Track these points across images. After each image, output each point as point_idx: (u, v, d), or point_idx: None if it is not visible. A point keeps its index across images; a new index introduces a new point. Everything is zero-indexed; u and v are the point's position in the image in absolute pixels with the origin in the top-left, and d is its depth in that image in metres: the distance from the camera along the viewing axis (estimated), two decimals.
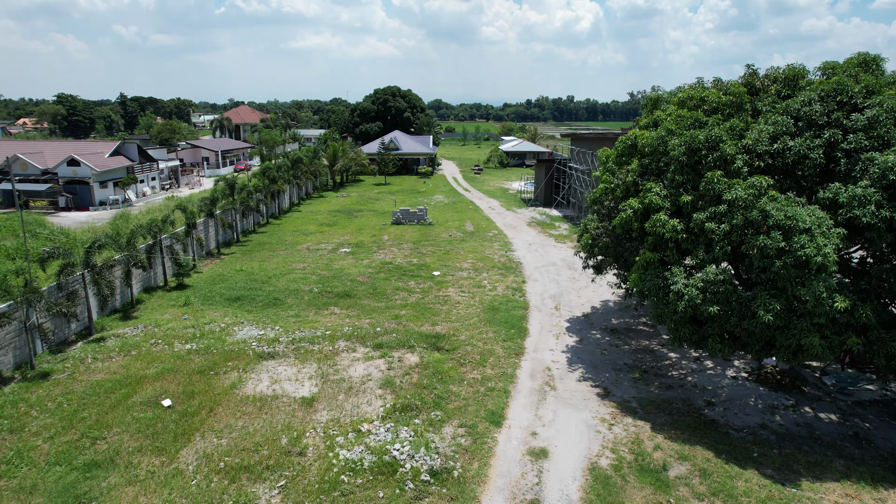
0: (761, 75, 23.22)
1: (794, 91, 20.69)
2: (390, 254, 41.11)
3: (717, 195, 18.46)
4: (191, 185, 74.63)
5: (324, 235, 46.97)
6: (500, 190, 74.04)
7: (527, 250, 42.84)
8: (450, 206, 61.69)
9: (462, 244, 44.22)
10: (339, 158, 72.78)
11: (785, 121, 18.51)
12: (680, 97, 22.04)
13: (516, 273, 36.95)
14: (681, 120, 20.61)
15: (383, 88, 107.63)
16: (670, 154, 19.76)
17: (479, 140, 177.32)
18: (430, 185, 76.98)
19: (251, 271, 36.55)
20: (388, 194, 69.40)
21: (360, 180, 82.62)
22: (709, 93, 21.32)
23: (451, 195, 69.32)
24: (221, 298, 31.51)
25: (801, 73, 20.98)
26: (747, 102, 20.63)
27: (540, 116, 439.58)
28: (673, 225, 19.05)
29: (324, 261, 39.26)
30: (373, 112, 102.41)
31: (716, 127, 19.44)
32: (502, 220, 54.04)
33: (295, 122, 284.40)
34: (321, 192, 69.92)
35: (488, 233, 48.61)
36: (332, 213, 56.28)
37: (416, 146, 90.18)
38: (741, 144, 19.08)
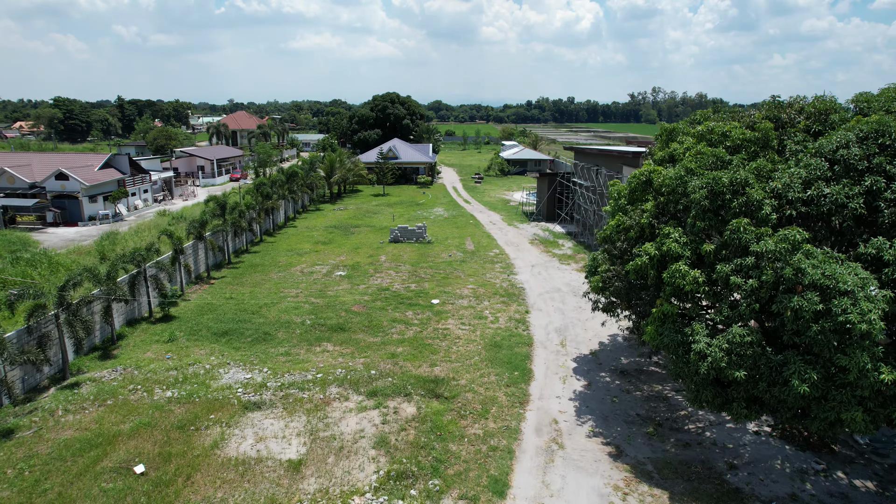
0: (785, 104, 21.55)
1: (824, 126, 19.00)
2: (387, 278, 39.40)
3: (743, 246, 16.76)
4: (185, 196, 72.92)
5: (319, 256, 45.26)
6: (502, 202, 72.34)
7: (530, 273, 41.13)
8: (450, 220, 59.99)
9: (462, 266, 42.51)
10: (337, 170, 71.08)
11: (819, 164, 16.81)
12: (699, 130, 20.33)
13: (519, 301, 35.25)
14: (701, 158, 18.91)
15: (382, 95, 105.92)
16: (691, 197, 18.05)
17: (479, 144, 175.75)
18: (430, 197, 75.28)
19: (241, 299, 34.84)
20: (386, 207, 67.70)
21: (358, 190, 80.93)
22: (731, 127, 19.63)
23: (451, 208, 67.61)
24: (208, 332, 29.79)
25: (832, 106, 19.27)
26: (774, 139, 18.93)
27: (540, 118, 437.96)
28: (694, 276, 17.35)
29: (318, 286, 37.55)
30: (371, 119, 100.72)
31: (741, 168, 17.75)
32: (504, 237, 52.33)
33: (294, 125, 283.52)
34: (318, 205, 68.21)
35: (489, 252, 46.90)
36: (329, 230, 54.56)
37: (416, 155, 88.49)
38: (769, 188, 17.39)
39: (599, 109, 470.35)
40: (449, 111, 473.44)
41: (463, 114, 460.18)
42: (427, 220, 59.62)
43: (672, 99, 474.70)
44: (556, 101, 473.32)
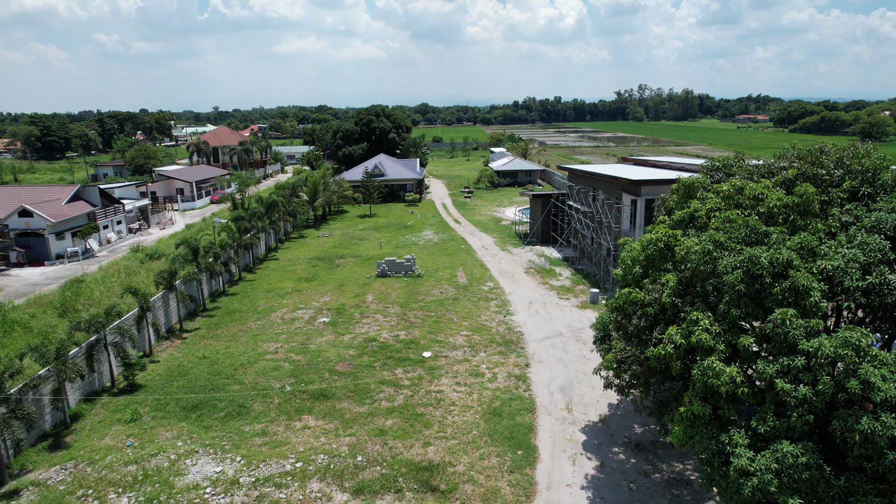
0: (815, 151, 18.95)
1: (875, 189, 16.40)
2: (375, 324, 36.54)
3: (790, 343, 14.12)
4: (162, 224, 69.63)
5: (301, 296, 42.31)
6: (493, 220, 69.63)
7: (527, 313, 38.42)
8: (440, 246, 57.20)
9: (455, 306, 39.72)
10: (320, 193, 68.12)
11: (879, 243, 14.19)
12: (725, 190, 17.67)
13: (518, 350, 32.52)
14: (732, 228, 16.25)
15: (367, 109, 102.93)
16: (723, 278, 15.39)
17: (467, 151, 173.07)
18: (418, 217, 72.44)
19: (216, 359, 31.86)
20: (373, 231, 64.79)
21: (343, 211, 77.96)
22: (763, 188, 16.98)
23: (441, 230, 64.81)
24: (177, 406, 26.82)
25: (881, 163, 16.67)
26: (816, 203, 16.30)
27: (527, 118, 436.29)
28: (730, 375, 14.71)
29: (300, 337, 34.64)
30: (356, 133, 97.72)
31: (782, 245, 15.11)
32: (497, 266, 49.60)
33: (278, 134, 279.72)
34: (301, 231, 65.16)
35: (483, 286, 44.14)
36: (312, 263, 51.59)
37: (403, 171, 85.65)
38: (817, 267, 14.76)
39: (586, 108, 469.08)
40: (436, 114, 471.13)
41: (450, 116, 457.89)
42: (416, 247, 56.83)
43: (659, 96, 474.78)
44: (543, 101, 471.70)
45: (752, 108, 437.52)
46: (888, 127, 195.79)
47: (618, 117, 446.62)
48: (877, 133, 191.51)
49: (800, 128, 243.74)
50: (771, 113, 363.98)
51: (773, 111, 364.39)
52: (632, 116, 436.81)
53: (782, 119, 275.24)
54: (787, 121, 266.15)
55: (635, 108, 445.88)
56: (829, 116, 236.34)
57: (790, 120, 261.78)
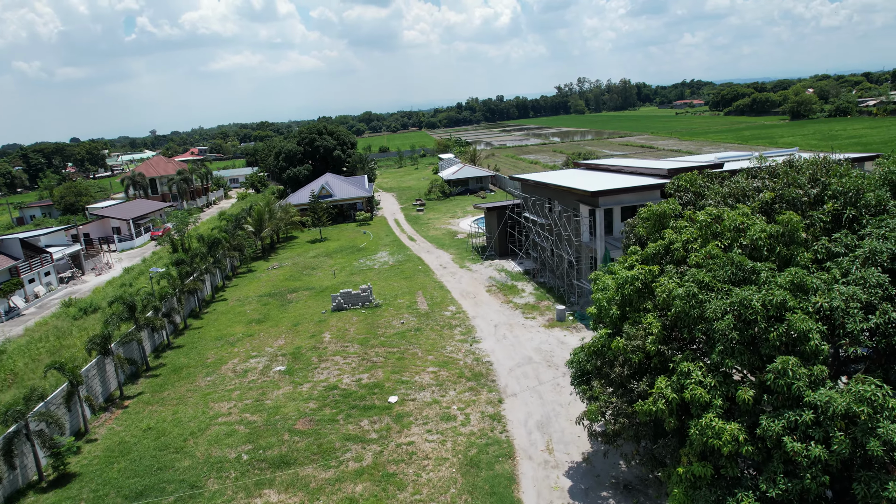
0: (781, 167, 17.83)
1: (859, 210, 15.28)
2: (334, 368, 34.18)
3: (795, 395, 12.74)
4: (98, 270, 65.08)
5: (253, 342, 39.51)
6: (449, 235, 67.89)
7: (494, 338, 36.76)
8: (396, 268, 55.05)
9: (417, 337, 37.72)
10: (266, 223, 64.94)
11: (877, 277, 12.98)
12: (702, 220, 16.29)
13: (489, 384, 30.78)
14: (715, 266, 14.85)
15: (308, 127, 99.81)
16: (713, 326, 13.95)
17: (415, 159, 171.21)
18: (371, 237, 70.06)
19: (162, 429, 28.94)
20: (325, 257, 62.09)
21: (293, 237, 74.81)
22: (742, 217, 15.67)
23: (396, 249, 62.66)
24: (119, 496, 23.94)
25: (861, 183, 15.57)
26: (801, 231, 15.07)
27: (472, 119, 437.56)
28: (732, 434, 13.26)
29: (254, 392, 32.00)
30: (300, 153, 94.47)
31: (773, 285, 13.76)
32: (458, 286, 47.83)
33: (220, 155, 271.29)
34: (249, 265, 61.89)
35: (445, 311, 42.29)
36: (263, 300, 48.65)
37: (351, 190, 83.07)
38: (812, 306, 13.46)
39: (529, 105, 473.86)
40: (380, 121, 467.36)
41: (394, 122, 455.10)
42: (371, 272, 54.55)
43: (598, 87, 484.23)
44: (486, 101, 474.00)
45: (687, 93, 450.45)
46: (814, 105, 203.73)
47: (560, 111, 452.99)
48: (804, 111, 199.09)
49: (734, 110, 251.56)
50: (705, 97, 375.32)
51: (707, 95, 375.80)
52: (574, 110, 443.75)
53: (717, 102, 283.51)
54: (721, 104, 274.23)
55: (576, 102, 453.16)
56: (759, 98, 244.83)
57: (724, 103, 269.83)
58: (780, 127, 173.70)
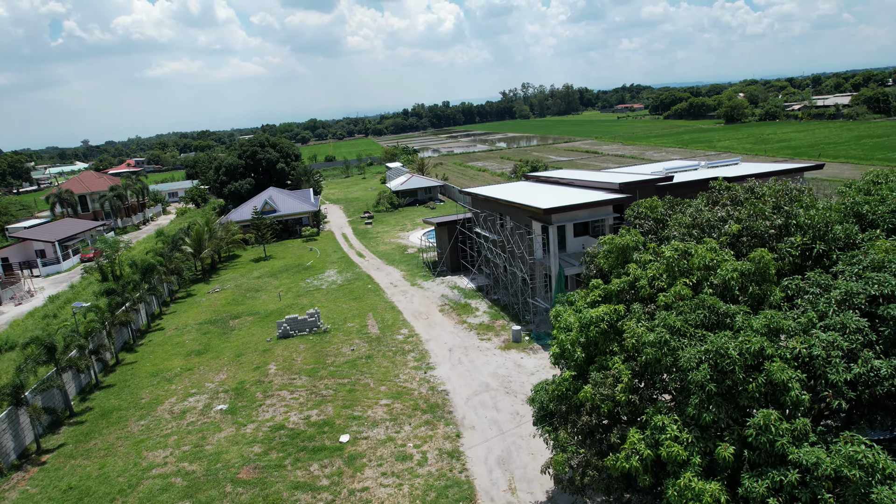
0: (757, 191, 17.17)
1: (829, 245, 14.66)
2: (281, 405, 32.04)
3: (778, 453, 11.85)
4: (18, 299, 60.22)
5: (192, 377, 36.85)
6: (399, 249, 66.24)
7: (449, 363, 35.39)
8: (345, 288, 53.01)
9: (369, 366, 35.95)
10: (206, 243, 61.63)
11: (856, 321, 12.24)
12: (669, 256, 15.37)
13: (445, 417, 29.36)
14: (686, 308, 13.91)
15: (250, 139, 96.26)
16: (688, 376, 12.96)
17: (362, 167, 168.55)
18: (318, 254, 67.64)
19: (86, 487, 26.20)
20: (270, 277, 59.39)
21: (235, 256, 71.51)
22: (712, 254, 14.80)
23: (345, 267, 60.57)
24: None
25: (829, 216, 14.96)
26: (773, 268, 14.31)
27: (419, 125, 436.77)
28: (713, 495, 12.26)
29: (193, 437, 29.54)
30: (241, 167, 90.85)
31: (749, 330, 12.89)
32: (410, 306, 46.27)
33: (158, 167, 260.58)
34: (189, 289, 58.51)
35: (397, 334, 40.66)
36: (203, 329, 45.75)
37: (296, 204, 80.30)
38: (790, 352, 12.65)
39: (475, 110, 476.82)
40: (326, 128, 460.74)
41: (340, 129, 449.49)
42: (319, 292, 52.34)
43: (542, 93, 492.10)
44: (433, 107, 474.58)
45: (627, 97, 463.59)
46: (746, 109, 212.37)
47: (506, 116, 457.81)
48: (737, 115, 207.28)
49: (672, 114, 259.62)
50: (645, 101, 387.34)
51: (646, 99, 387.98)
52: (519, 115, 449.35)
53: (656, 107, 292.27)
54: (660, 108, 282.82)
55: (521, 107, 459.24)
56: (696, 102, 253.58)
57: (663, 107, 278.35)
58: (717, 131, 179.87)
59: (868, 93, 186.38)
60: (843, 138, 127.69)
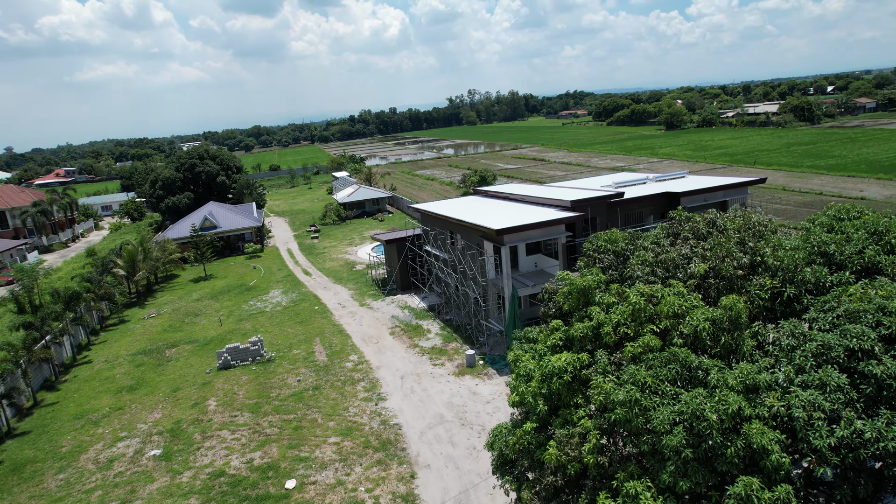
0: (719, 225, 16.47)
1: (797, 287, 13.97)
2: (221, 447, 29.72)
3: None
4: None
5: (123, 417, 33.97)
6: (347, 266, 64.15)
7: (401, 393, 33.84)
8: (290, 310, 50.64)
9: (316, 398, 34.00)
10: (140, 265, 57.93)
11: (836, 378, 11.48)
12: (635, 302, 14.38)
13: (398, 455, 27.79)
14: (656, 362, 12.93)
15: (188, 151, 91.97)
16: (662, 441, 11.94)
17: (308, 177, 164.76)
18: (262, 273, 64.78)
19: None
20: (210, 299, 56.29)
21: (174, 276, 67.72)
22: (680, 300, 13.90)
23: (290, 286, 58.08)
24: None
25: (799, 257, 14.31)
26: (745, 315, 13.50)
27: (365, 132, 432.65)
28: None
29: (121, 491, 26.92)
30: (179, 181, 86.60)
31: (723, 387, 11.98)
32: (359, 329, 44.44)
33: (91, 177, 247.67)
34: (122, 314, 54.73)
35: (346, 361, 38.81)
36: (136, 360, 42.58)
37: (238, 219, 76.98)
38: (769, 411, 11.80)
39: (422, 117, 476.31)
40: (271, 135, 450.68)
41: (285, 136, 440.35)
42: (263, 316, 49.81)
43: (488, 99, 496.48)
44: (379, 114, 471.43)
45: (571, 103, 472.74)
46: (684, 116, 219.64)
47: (453, 123, 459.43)
48: (677, 122, 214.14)
49: (615, 121, 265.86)
50: (588, 107, 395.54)
51: (589, 105, 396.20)
52: (466, 121, 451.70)
53: (599, 113, 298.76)
54: (603, 114, 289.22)
55: (468, 113, 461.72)
56: (637, 109, 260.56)
57: (606, 113, 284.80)
58: (658, 137, 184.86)
59: (794, 102, 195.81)
60: (774, 145, 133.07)
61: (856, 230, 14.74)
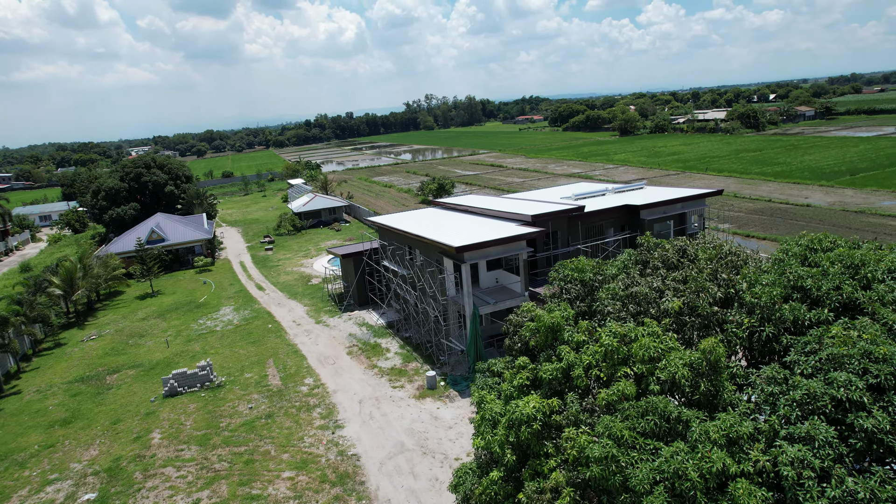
0: (690, 254, 15.75)
1: (776, 326, 13.29)
2: (165, 488, 27.62)
3: None
4: None
5: (54, 456, 31.36)
6: (302, 280, 62.03)
7: (359, 419, 32.33)
8: (242, 329, 48.38)
9: (269, 428, 32.14)
10: (79, 283, 54.52)
11: (825, 431, 10.75)
12: (607, 343, 13.44)
13: (357, 489, 26.32)
14: (633, 412, 11.99)
15: (134, 160, 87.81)
16: (642, 501, 10.97)
17: (262, 184, 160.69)
18: (213, 288, 62.03)
19: None
20: (157, 318, 53.39)
21: (118, 293, 64.19)
22: (656, 342, 13.03)
23: (243, 303, 55.68)
24: None
25: (777, 297, 13.61)
26: (724, 358, 12.71)
27: (322, 137, 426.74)
28: None
29: None
30: (124, 191, 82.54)
31: (706, 441, 11.11)
32: (315, 349, 42.66)
33: (30, 184, 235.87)
34: (58, 336, 51.29)
35: (301, 385, 37.03)
36: (73, 389, 39.71)
37: (188, 231, 73.76)
38: (754, 466, 10.98)
39: (379, 121, 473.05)
40: (224, 140, 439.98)
41: (239, 141, 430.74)
42: (213, 336, 47.41)
43: (445, 104, 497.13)
44: (336, 118, 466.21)
45: (527, 109, 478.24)
46: (637, 122, 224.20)
47: (410, 128, 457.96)
48: (630, 128, 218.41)
49: (571, 126, 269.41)
50: (544, 112, 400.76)
51: (545, 111, 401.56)
52: (423, 126, 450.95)
53: (555, 119, 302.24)
54: (559, 120, 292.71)
55: (425, 118, 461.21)
56: (592, 115, 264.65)
57: (561, 119, 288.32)
58: (613, 143, 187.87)
59: (740, 109, 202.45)
60: (724, 152, 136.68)
61: (831, 263, 14.25)
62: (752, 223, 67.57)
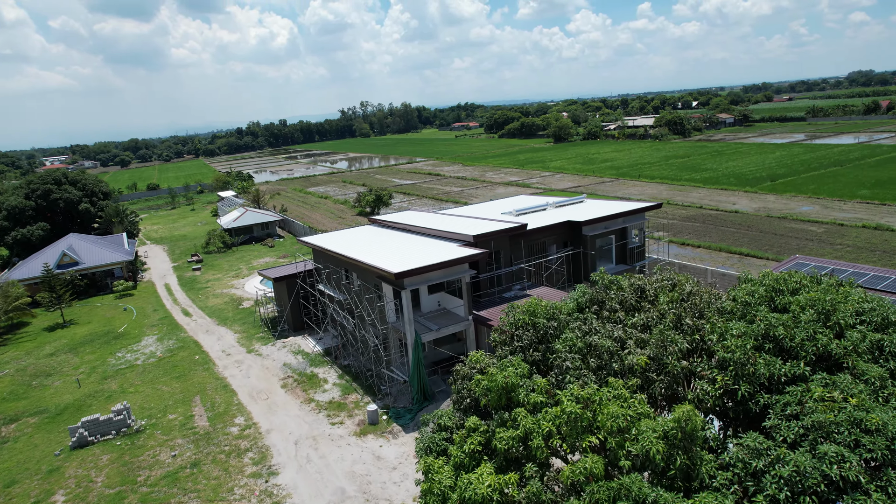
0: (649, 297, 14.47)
1: (751, 384, 12.09)
2: None
3: None
4: None
5: None
6: (232, 303, 58.36)
7: (296, 464, 29.80)
8: (166, 362, 44.60)
9: (195, 479, 29.14)
10: None
11: None
12: (570, 411, 11.90)
13: None
14: (602, 500, 10.46)
15: (41, 175, 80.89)
16: None
17: (191, 196, 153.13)
18: (135, 316, 57.43)
19: None
20: (68, 353, 48.65)
21: (24, 324, 58.46)
22: (625, 409, 11.58)
23: (167, 331, 51.63)
24: None
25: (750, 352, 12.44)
26: (700, 426, 11.39)
27: (254, 145, 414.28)
28: None
29: None
30: (30, 209, 75.83)
31: None
32: (246, 383, 39.63)
33: None
34: None
35: (231, 426, 34.06)
36: None
37: (105, 254, 68.33)
38: None
39: (314, 129, 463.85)
40: (151, 149, 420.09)
41: (167, 150, 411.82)
42: (133, 371, 43.44)
43: (381, 111, 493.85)
44: (269, 126, 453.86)
45: (463, 115, 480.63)
46: (571, 129, 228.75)
47: (346, 135, 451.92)
48: (564, 135, 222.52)
49: (506, 133, 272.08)
50: (480, 119, 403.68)
51: (480, 118, 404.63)
52: (359, 133, 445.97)
53: (491, 125, 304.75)
54: (494, 127, 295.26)
55: (361, 125, 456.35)
56: (526, 122, 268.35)
57: (497, 126, 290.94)
58: (548, 150, 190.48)
59: (667, 116, 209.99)
60: (654, 158, 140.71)
61: (802, 309, 13.34)
62: (686, 230, 68.88)
